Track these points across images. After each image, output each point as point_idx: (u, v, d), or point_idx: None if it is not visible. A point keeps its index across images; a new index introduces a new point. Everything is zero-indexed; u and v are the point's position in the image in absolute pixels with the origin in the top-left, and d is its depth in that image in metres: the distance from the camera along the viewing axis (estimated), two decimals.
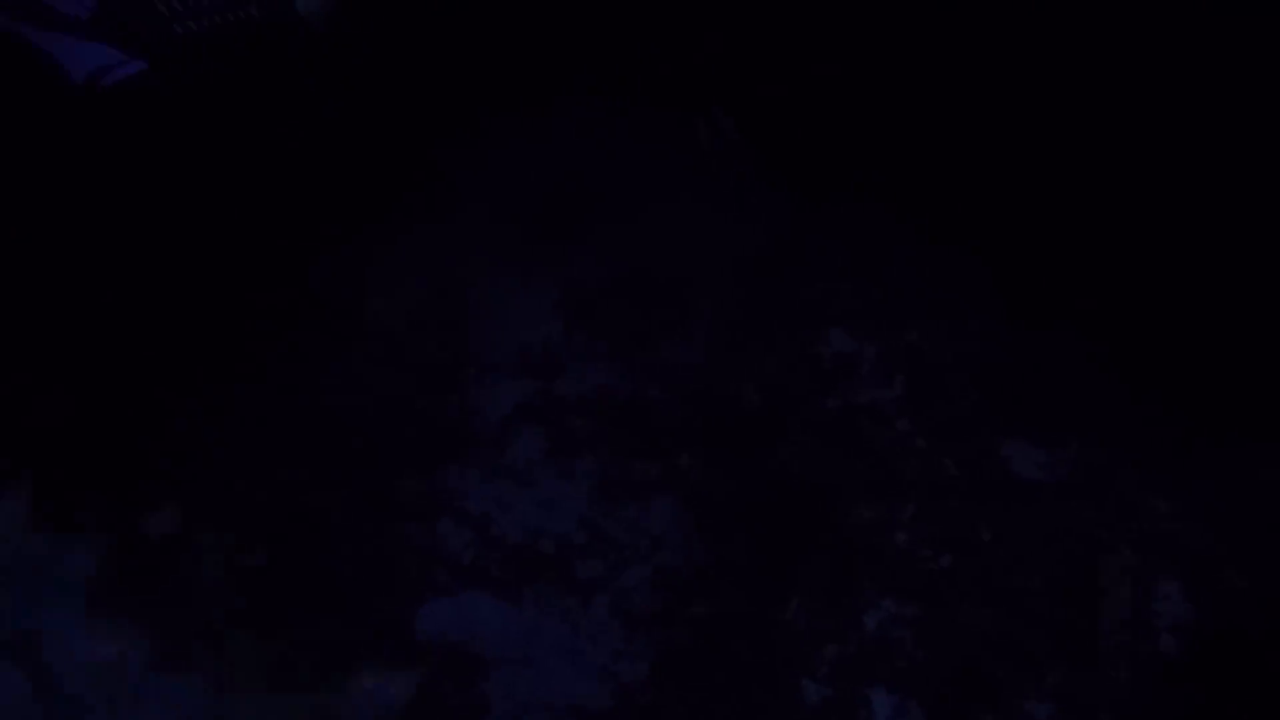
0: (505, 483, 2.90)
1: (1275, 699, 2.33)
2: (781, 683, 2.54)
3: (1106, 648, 2.39)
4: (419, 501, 2.83)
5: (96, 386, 2.87)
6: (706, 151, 3.39)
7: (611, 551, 2.79)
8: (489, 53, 3.38)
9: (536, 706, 2.53)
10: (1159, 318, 2.91)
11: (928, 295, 3.17)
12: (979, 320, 3.09)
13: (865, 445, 2.89)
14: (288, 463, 2.84)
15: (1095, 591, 2.47)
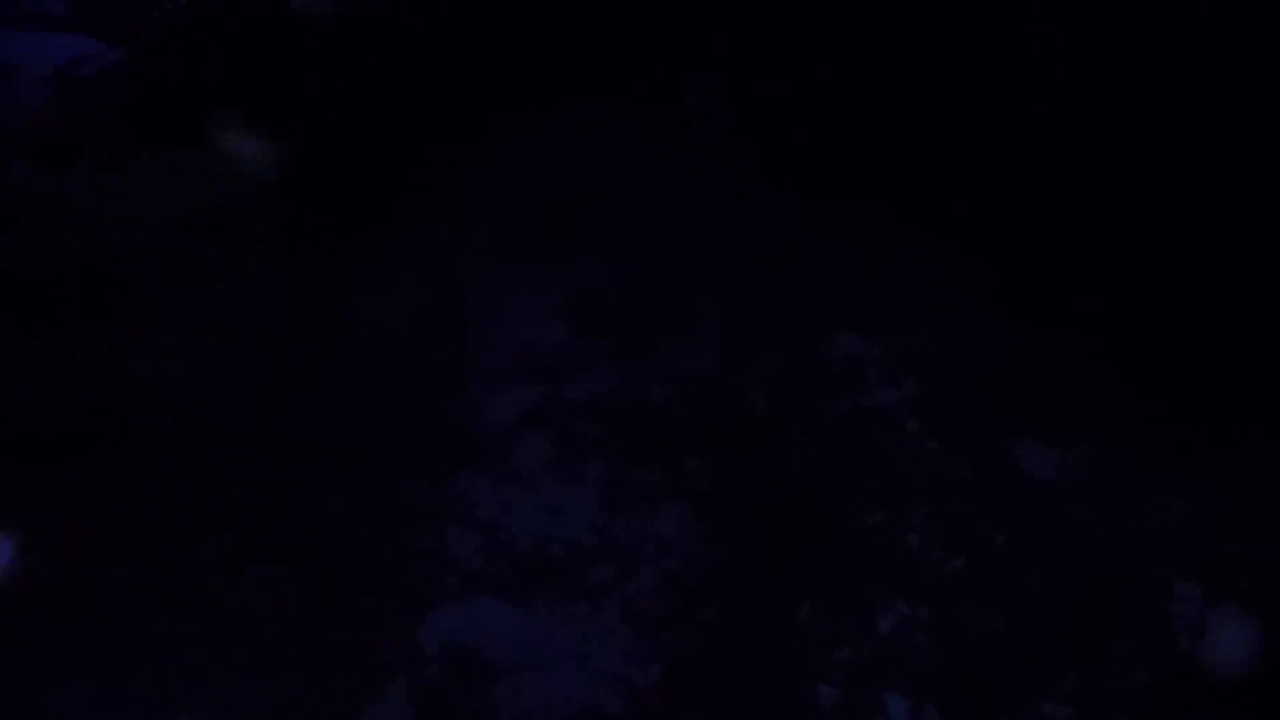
0: (513, 489, 2.87)
1: None
2: (795, 687, 2.50)
3: (1123, 649, 2.37)
4: (427, 508, 2.80)
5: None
6: (696, 127, 3.38)
7: (620, 557, 2.76)
8: (491, 54, 3.38)
9: (546, 711, 2.49)
10: (1160, 317, 2.92)
11: (930, 296, 3.16)
12: (981, 320, 3.09)
13: (875, 448, 2.87)
14: (291, 466, 2.80)
15: (1111, 593, 2.46)
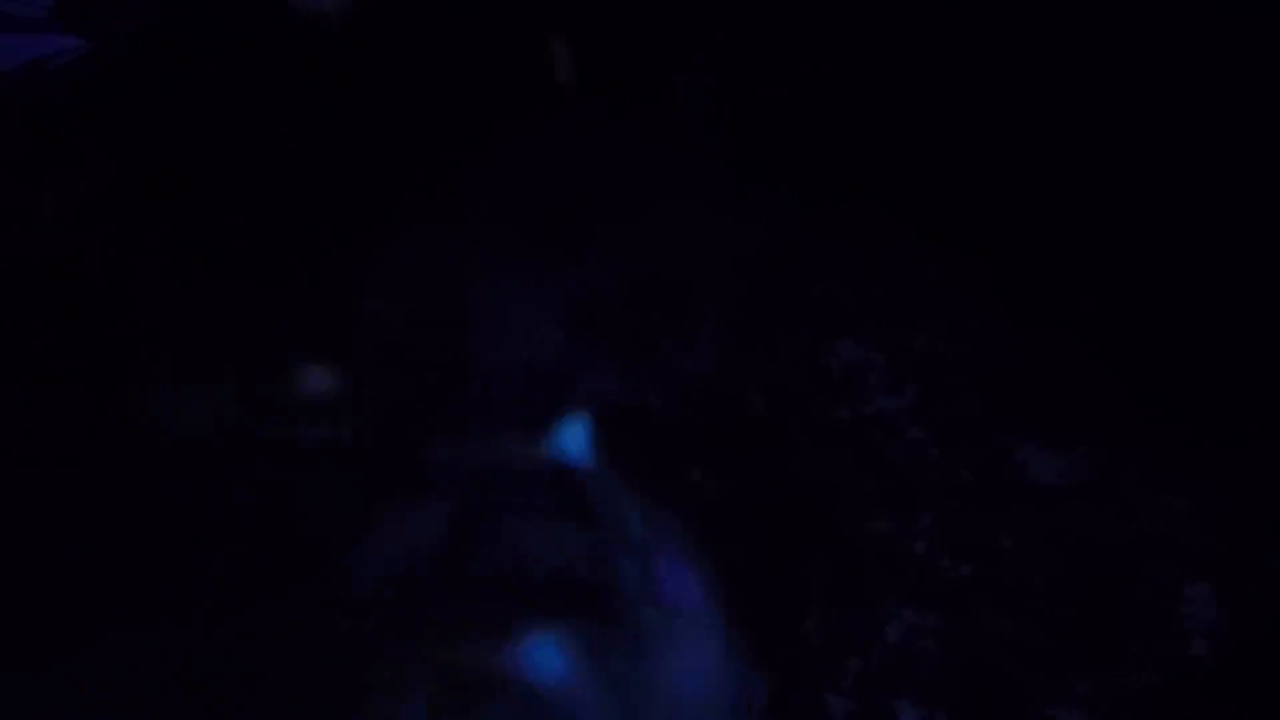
0: (516, 495, 2.85)
1: None
2: (804, 696, 2.50)
3: (1135, 653, 2.37)
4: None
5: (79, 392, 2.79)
6: (689, 124, 3.35)
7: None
8: (491, 55, 3.35)
9: None
10: (1161, 317, 2.92)
11: (930, 297, 3.15)
12: (982, 321, 3.08)
13: (878, 455, 2.86)
14: (289, 472, 2.77)
15: (1121, 596, 2.46)
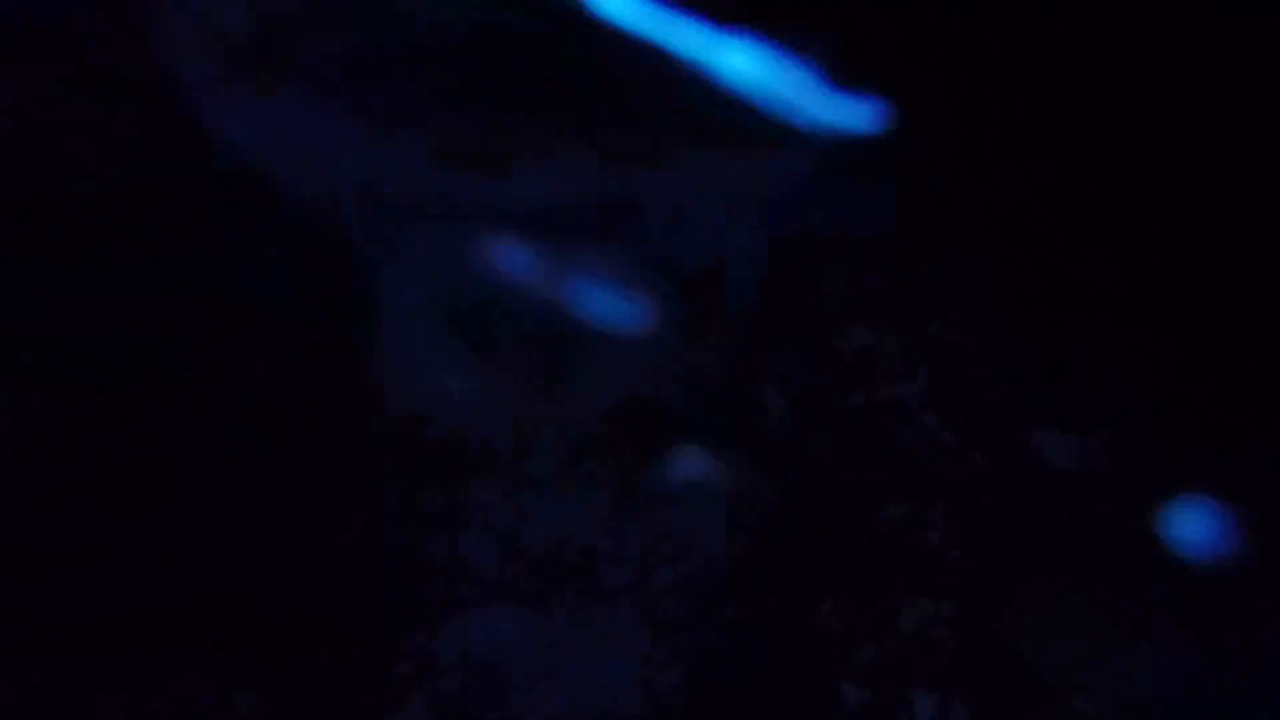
0: (527, 494, 2.83)
1: None
2: (818, 686, 2.49)
3: (1157, 643, 2.35)
4: (440, 516, 2.76)
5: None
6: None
7: (637, 558, 2.73)
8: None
9: (567, 718, 2.47)
10: (1180, 302, 2.90)
11: (942, 281, 3.12)
12: (995, 307, 3.05)
13: (891, 442, 2.84)
14: (298, 475, 2.76)
15: (1142, 585, 2.44)
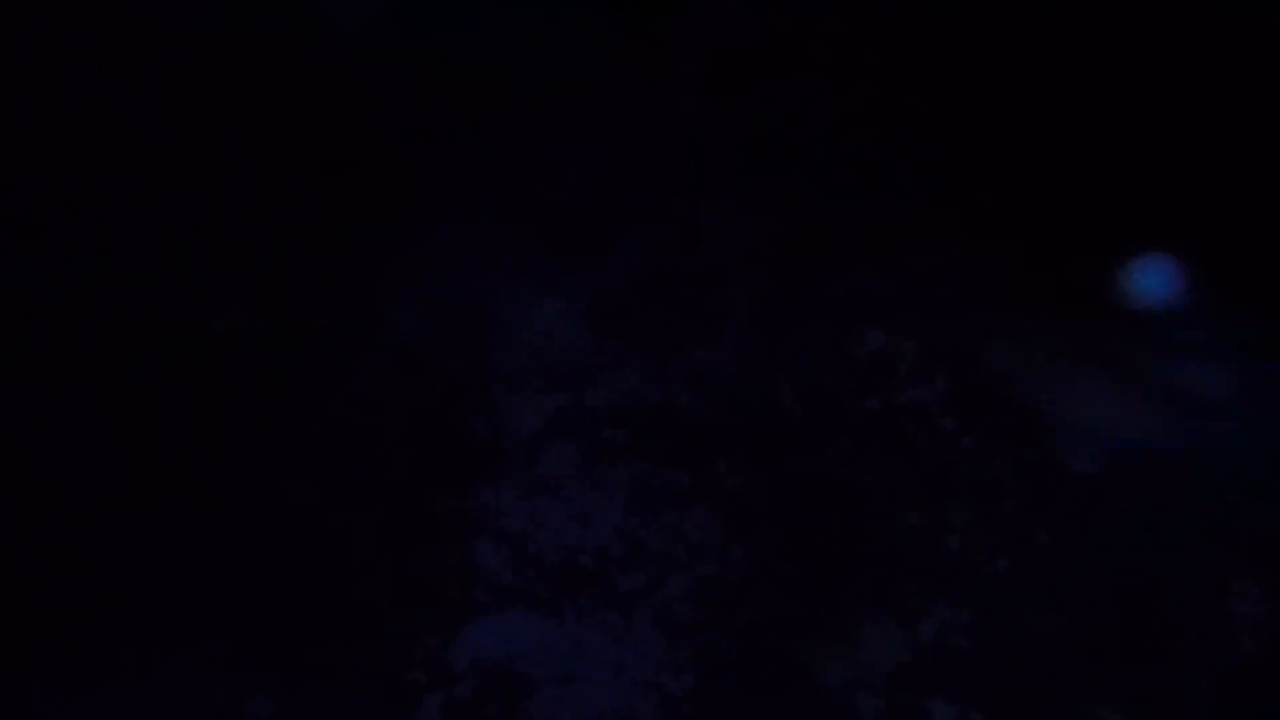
0: (540, 498, 2.82)
1: None
2: (834, 694, 2.45)
3: (1180, 651, 2.29)
4: (453, 521, 2.76)
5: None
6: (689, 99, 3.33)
7: (651, 563, 2.70)
8: (502, 55, 3.34)
9: None
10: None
11: (958, 284, 3.09)
12: (1010, 307, 3.02)
13: (909, 446, 2.80)
14: (312, 481, 2.76)
15: (1165, 592, 2.39)
